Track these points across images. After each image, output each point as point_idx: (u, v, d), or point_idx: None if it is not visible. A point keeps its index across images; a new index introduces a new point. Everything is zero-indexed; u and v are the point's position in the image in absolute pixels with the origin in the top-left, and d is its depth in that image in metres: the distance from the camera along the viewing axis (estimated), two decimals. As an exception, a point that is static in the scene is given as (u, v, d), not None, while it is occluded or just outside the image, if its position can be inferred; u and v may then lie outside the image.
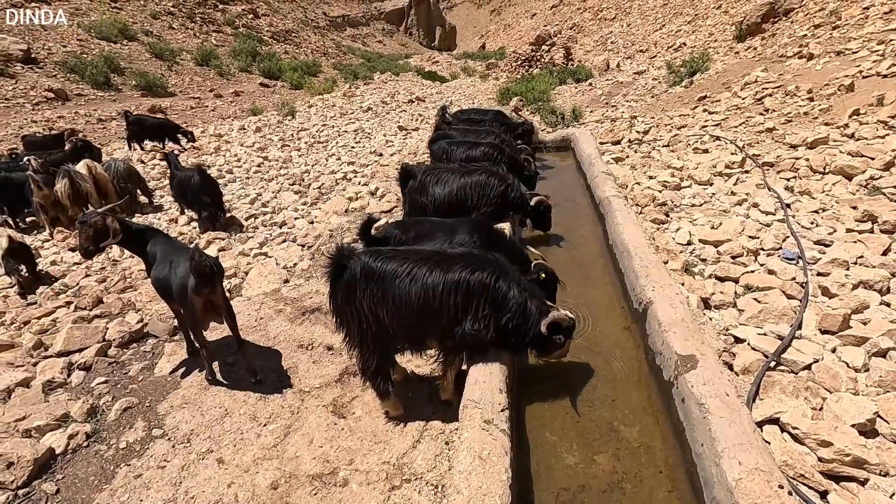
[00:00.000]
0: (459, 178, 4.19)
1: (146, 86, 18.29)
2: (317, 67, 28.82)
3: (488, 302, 2.52)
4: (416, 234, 3.31)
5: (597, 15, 32.69)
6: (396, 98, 18.25)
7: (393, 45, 64.52)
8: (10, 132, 12.65)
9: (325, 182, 8.11)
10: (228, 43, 28.16)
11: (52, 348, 3.86)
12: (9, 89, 15.08)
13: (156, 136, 11.12)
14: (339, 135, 12.30)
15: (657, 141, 7.97)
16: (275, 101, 19.11)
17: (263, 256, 5.47)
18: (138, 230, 3.24)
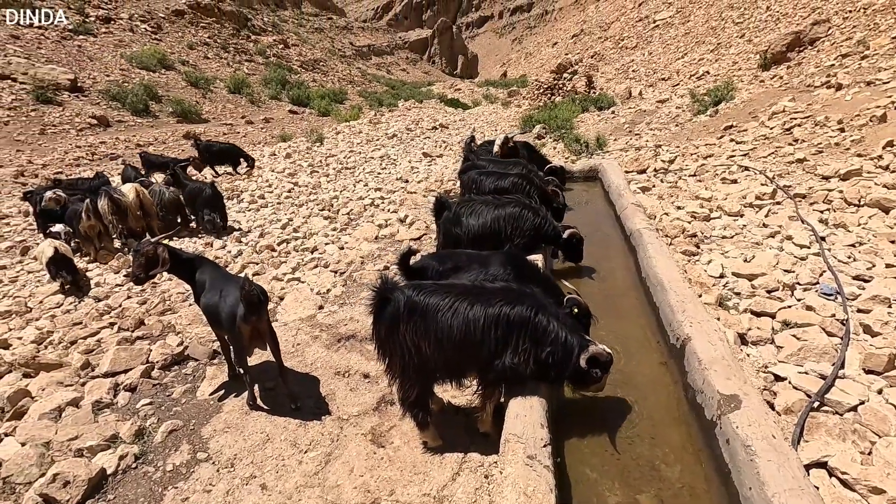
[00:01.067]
0: (493, 210, 4.29)
1: (182, 112, 19.10)
2: (343, 95, 29.70)
3: (528, 336, 2.57)
4: (453, 266, 3.40)
5: (618, 44, 33.09)
6: (420, 125, 18.65)
7: (416, 72, 66.16)
8: (55, 157, 13.32)
9: (353, 208, 8.30)
10: (259, 72, 29.31)
11: (99, 369, 4.01)
12: (56, 116, 15.93)
13: (224, 160, 11.51)
14: (365, 161, 12.61)
15: (684, 170, 7.98)
16: (303, 128, 19.71)
17: (296, 282, 5.62)
18: (187, 259, 3.39)
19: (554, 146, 12.13)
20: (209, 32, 31.20)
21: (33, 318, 5.24)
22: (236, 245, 7.03)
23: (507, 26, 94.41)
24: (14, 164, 12.31)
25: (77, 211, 6.79)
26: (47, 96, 16.40)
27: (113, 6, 27.88)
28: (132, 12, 28.28)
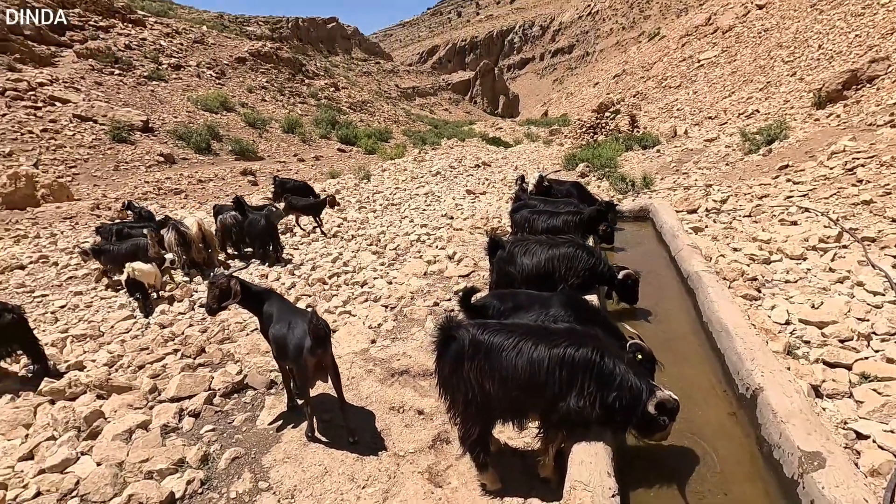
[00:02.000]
0: (548, 249, 4.32)
1: (240, 151, 20.33)
2: (388, 134, 30.84)
3: (594, 378, 2.54)
4: (514, 305, 3.42)
5: (661, 83, 33.09)
6: (463, 163, 19.05)
7: (458, 112, 68.04)
8: (126, 191, 14.39)
9: (400, 243, 8.49)
10: (311, 113, 30.97)
11: (165, 393, 4.20)
12: (129, 154, 17.28)
13: (298, 195, 12.18)
14: (410, 197, 12.94)
15: (737, 210, 7.77)
16: (351, 165, 20.52)
17: (348, 315, 5.75)
18: (257, 292, 3.57)
19: (598, 184, 12.09)
20: (267, 77, 33.43)
21: (105, 342, 5.58)
22: (290, 277, 7.29)
23: (548, 67, 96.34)
24: (91, 197, 13.38)
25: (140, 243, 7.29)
26: (122, 136, 17.87)
27: (183, 55, 30.45)
28: (200, 60, 30.76)
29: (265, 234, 8.05)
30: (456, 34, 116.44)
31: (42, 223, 11.12)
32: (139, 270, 6.29)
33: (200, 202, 14.11)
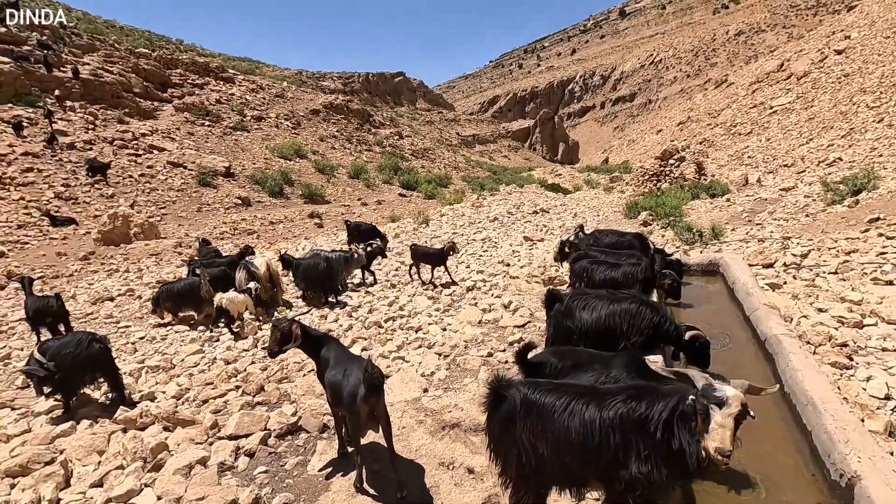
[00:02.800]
0: (608, 304, 4.15)
1: (309, 195, 21.59)
2: (448, 180, 31.68)
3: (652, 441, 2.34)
4: (573, 364, 3.29)
5: (729, 130, 31.97)
6: (521, 209, 19.08)
7: (517, 159, 68.93)
8: (205, 231, 15.57)
9: (456, 290, 8.50)
10: (376, 159, 32.54)
11: (225, 430, 4.33)
12: (211, 196, 18.81)
13: (368, 238, 12.77)
14: (468, 243, 13.04)
15: (821, 266, 7.15)
16: (411, 210, 21.14)
17: (401, 360, 5.76)
18: (316, 337, 3.67)
19: (662, 234, 11.64)
20: (338, 127, 35.75)
21: (176, 375, 5.90)
22: (347, 319, 7.45)
23: (609, 115, 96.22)
24: (175, 236, 14.59)
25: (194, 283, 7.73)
26: (207, 180, 19.56)
27: (265, 108, 33.36)
28: (279, 112, 33.55)
29: (324, 278, 8.33)
30: (516, 84, 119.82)
31: (132, 259, 12.21)
32: (229, 300, 6.76)
33: (270, 242, 14.97)
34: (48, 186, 16.01)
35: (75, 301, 9.16)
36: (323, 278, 8.36)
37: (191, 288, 7.62)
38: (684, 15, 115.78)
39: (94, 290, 9.85)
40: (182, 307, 7.75)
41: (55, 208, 15.00)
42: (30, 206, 14.74)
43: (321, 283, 8.42)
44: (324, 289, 8.45)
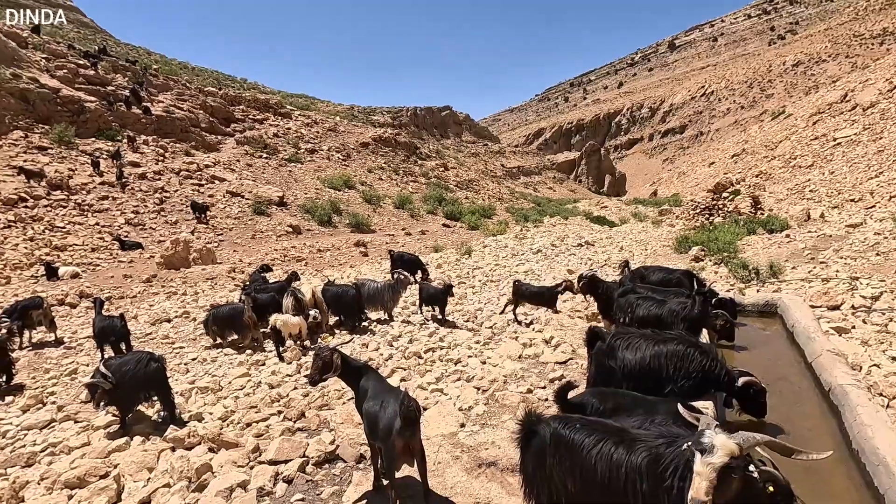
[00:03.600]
0: (653, 345, 3.99)
1: (355, 224, 22.25)
2: (492, 211, 31.84)
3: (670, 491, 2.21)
4: (614, 406, 3.17)
5: (789, 163, 30.55)
6: (565, 241, 18.82)
7: (562, 190, 68.48)
8: (258, 257, 16.29)
9: (497, 322, 8.43)
10: (421, 190, 33.25)
11: (265, 455, 4.42)
12: (264, 225, 19.75)
13: (410, 269, 13.07)
14: (510, 275, 12.94)
15: (895, 311, 6.60)
16: (454, 240, 21.32)
17: (439, 393, 5.72)
18: (356, 367, 3.74)
19: (714, 270, 11.13)
20: (385, 159, 36.97)
21: (223, 397, 6.11)
22: (388, 349, 7.52)
23: (658, 147, 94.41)
24: (230, 261, 15.34)
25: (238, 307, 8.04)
26: (262, 209, 20.60)
27: (318, 141, 35.03)
28: (331, 145, 35.13)
29: (352, 304, 8.60)
30: (562, 117, 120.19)
31: (189, 282, 12.92)
32: (283, 321, 7.07)
33: (317, 269, 15.46)
34: (120, 213, 17.35)
35: (136, 321, 9.75)
36: (352, 304, 8.60)
37: (234, 312, 7.96)
38: (737, 47, 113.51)
39: (154, 312, 10.46)
40: (227, 331, 8.09)
41: (125, 233, 16.20)
42: (103, 231, 15.99)
43: (350, 309, 8.66)
44: (353, 315, 8.68)
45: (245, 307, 7.90)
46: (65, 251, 14.43)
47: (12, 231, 14.49)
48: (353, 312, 8.71)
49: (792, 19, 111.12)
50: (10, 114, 20.26)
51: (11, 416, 5.90)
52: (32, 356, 8.09)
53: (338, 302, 8.70)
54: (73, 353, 8.21)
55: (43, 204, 16.16)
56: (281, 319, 7.17)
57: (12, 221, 14.82)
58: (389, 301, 8.95)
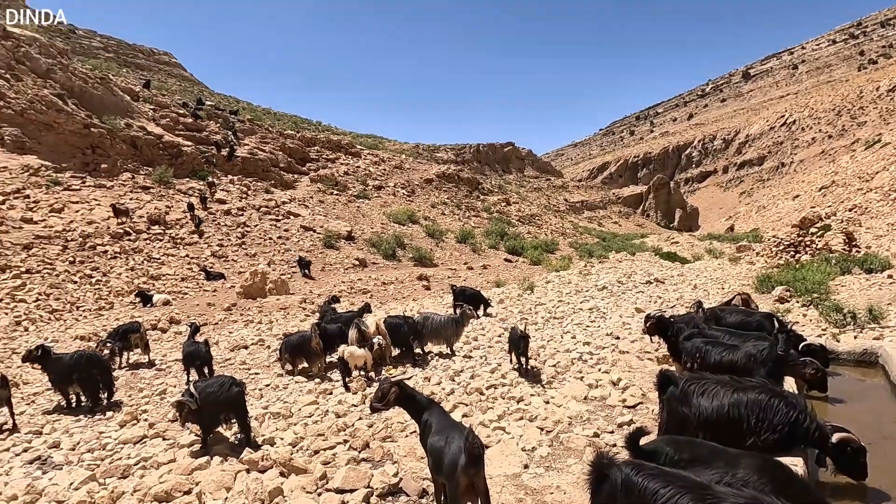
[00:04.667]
0: (732, 392, 3.74)
1: (418, 258, 22.77)
2: (554, 246, 31.41)
3: None
4: (691, 457, 3.00)
5: (888, 196, 27.84)
6: (633, 278, 18.12)
7: (629, 225, 66.37)
8: (326, 289, 17.05)
9: (560, 360, 8.22)
10: (483, 225, 33.55)
11: (332, 483, 4.56)
12: (333, 257, 20.71)
13: (472, 303, 13.23)
14: (574, 312, 12.62)
15: None
16: (515, 275, 21.19)
17: (501, 431, 5.64)
18: (419, 400, 3.84)
19: (803, 313, 10.24)
20: (448, 194, 37.83)
21: (293, 423, 6.38)
22: (450, 383, 7.54)
23: (734, 180, 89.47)
24: (301, 292, 16.17)
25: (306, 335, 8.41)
26: (331, 243, 21.67)
27: (385, 178, 36.61)
28: (396, 181, 36.56)
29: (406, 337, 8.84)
30: (628, 151, 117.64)
31: (265, 311, 13.74)
32: (349, 352, 7.38)
33: (381, 302, 15.91)
34: (207, 246, 18.95)
35: (217, 347, 10.47)
36: (405, 338, 8.81)
37: (302, 341, 8.38)
38: (821, 73, 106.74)
39: (232, 338, 11.20)
40: (297, 358, 8.50)
41: (210, 264, 17.62)
42: (192, 262, 17.50)
43: (404, 342, 8.87)
44: (408, 348, 8.89)
45: (312, 335, 8.32)
46: (159, 280, 15.92)
47: (117, 261, 16.23)
48: (407, 345, 8.92)
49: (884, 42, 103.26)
50: (121, 158, 23.04)
51: (111, 430, 6.51)
52: (129, 376, 8.91)
53: (394, 334, 8.94)
54: (163, 375, 8.95)
55: (143, 237, 18.03)
56: (348, 351, 7.46)
57: (118, 253, 16.62)
58: (452, 336, 9.05)
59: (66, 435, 6.42)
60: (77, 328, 11.70)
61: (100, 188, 20.36)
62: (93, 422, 6.88)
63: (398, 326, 8.98)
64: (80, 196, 19.10)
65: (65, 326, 11.94)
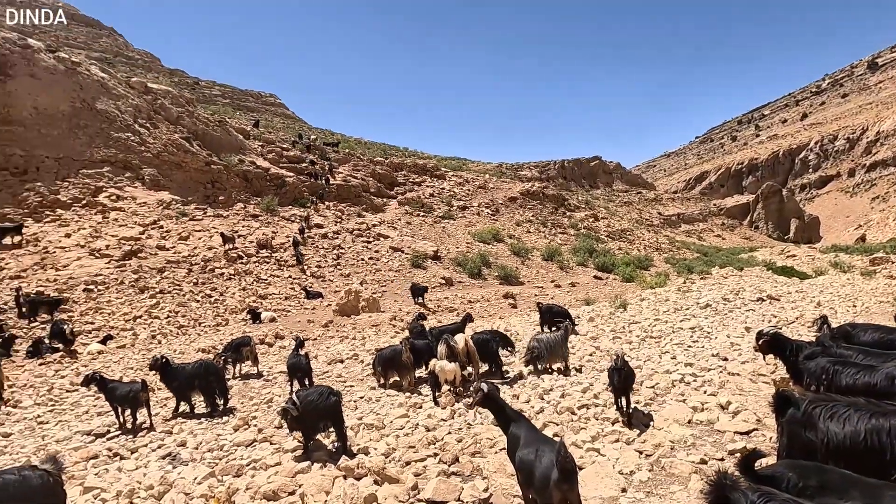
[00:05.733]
0: (869, 418, 3.23)
1: (504, 276, 22.66)
2: (649, 262, 29.65)
3: None
4: (818, 485, 2.63)
5: None
6: (741, 295, 16.49)
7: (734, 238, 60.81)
8: (414, 307, 17.52)
9: (659, 382, 7.67)
10: (570, 242, 32.63)
11: (423, 494, 4.63)
12: (420, 276, 21.27)
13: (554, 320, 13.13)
14: (673, 331, 11.77)
15: None
16: (606, 293, 20.27)
17: (595, 453, 5.38)
18: (508, 414, 3.81)
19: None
20: (533, 212, 37.41)
21: (385, 434, 6.60)
22: (539, 401, 7.36)
23: (863, 184, 78.56)
24: (391, 310, 16.79)
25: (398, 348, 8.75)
26: (419, 263, 22.32)
27: (469, 198, 37.13)
28: (480, 201, 36.91)
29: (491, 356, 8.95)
30: (729, 158, 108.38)
31: (358, 328, 14.44)
32: (440, 367, 7.58)
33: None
34: (307, 267, 20.42)
35: (317, 360, 11.16)
36: (493, 354, 8.92)
37: (394, 354, 8.71)
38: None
39: (329, 353, 11.90)
40: (389, 371, 8.82)
41: (310, 284, 18.95)
42: (294, 282, 18.94)
43: (492, 358, 8.94)
44: (495, 364, 8.98)
45: (403, 349, 8.60)
46: (266, 299, 17.42)
47: (232, 282, 18.06)
48: (497, 361, 9.00)
49: None
50: (235, 190, 25.80)
51: (226, 433, 7.18)
52: (241, 385, 9.80)
53: (482, 350, 8.97)
54: (269, 385, 9.73)
55: (253, 260, 19.91)
56: (439, 365, 7.61)
57: (232, 274, 18.49)
58: (567, 352, 9.00)
59: (190, 435, 7.20)
60: (199, 342, 13.14)
61: (218, 217, 22.91)
62: (212, 424, 7.64)
63: (486, 342, 9.03)
64: (202, 225, 21.63)
65: (189, 340, 13.47)
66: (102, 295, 14.95)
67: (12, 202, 18.68)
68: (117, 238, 18.32)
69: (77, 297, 14.52)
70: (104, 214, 19.92)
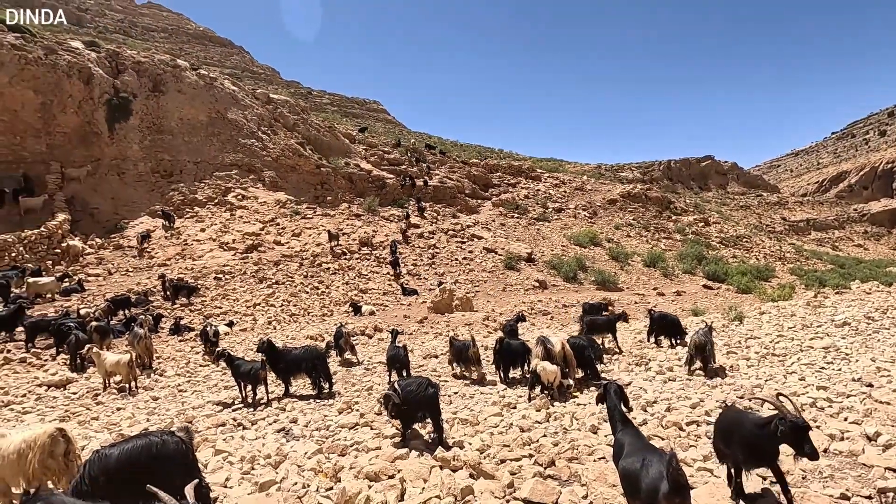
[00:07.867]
0: None
1: (601, 281, 21.71)
2: (769, 272, 26.65)
3: None
4: None
5: None
6: (890, 314, 14.14)
7: (880, 249, 52.51)
8: (508, 308, 17.43)
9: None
10: (675, 248, 30.37)
11: (519, 493, 4.58)
12: (514, 279, 21.12)
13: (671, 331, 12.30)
14: (800, 350, 10.42)
15: None
16: (717, 304, 18.57)
17: (708, 473, 4.95)
18: (616, 414, 3.64)
19: None
20: (634, 215, 35.37)
21: (479, 430, 6.63)
22: (641, 413, 6.94)
23: None
24: (484, 310, 16.85)
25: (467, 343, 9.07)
26: (512, 264, 22.17)
27: (565, 200, 36.12)
28: (577, 203, 35.72)
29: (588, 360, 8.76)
30: (876, 156, 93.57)
31: (451, 325, 14.69)
32: (542, 367, 7.60)
33: (562, 324, 15.57)
34: (403, 265, 21.22)
35: (413, 354, 11.55)
36: (589, 360, 8.72)
37: (463, 347, 9.16)
38: None
39: (425, 348, 12.24)
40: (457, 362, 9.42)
41: (406, 281, 19.67)
42: (392, 279, 19.78)
43: (588, 364, 8.71)
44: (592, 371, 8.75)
45: (472, 343, 8.98)
46: (366, 293, 18.41)
47: (336, 276, 19.33)
48: (593, 368, 8.75)
49: None
50: (341, 191, 27.61)
51: (332, 415, 7.70)
52: (344, 372, 10.44)
53: (578, 356, 8.73)
54: (370, 374, 10.26)
55: (355, 257, 21.15)
56: (541, 365, 7.54)
57: (337, 269, 19.80)
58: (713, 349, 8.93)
59: (301, 414, 7.83)
60: (307, 329, 14.25)
61: (325, 216, 24.68)
62: (319, 406, 8.24)
63: (582, 348, 8.76)
64: (311, 223, 23.45)
65: (299, 327, 14.66)
66: (229, 283, 16.83)
67: (161, 200, 21.78)
68: (242, 233, 20.52)
69: (209, 284, 16.49)
70: (231, 212, 22.42)
